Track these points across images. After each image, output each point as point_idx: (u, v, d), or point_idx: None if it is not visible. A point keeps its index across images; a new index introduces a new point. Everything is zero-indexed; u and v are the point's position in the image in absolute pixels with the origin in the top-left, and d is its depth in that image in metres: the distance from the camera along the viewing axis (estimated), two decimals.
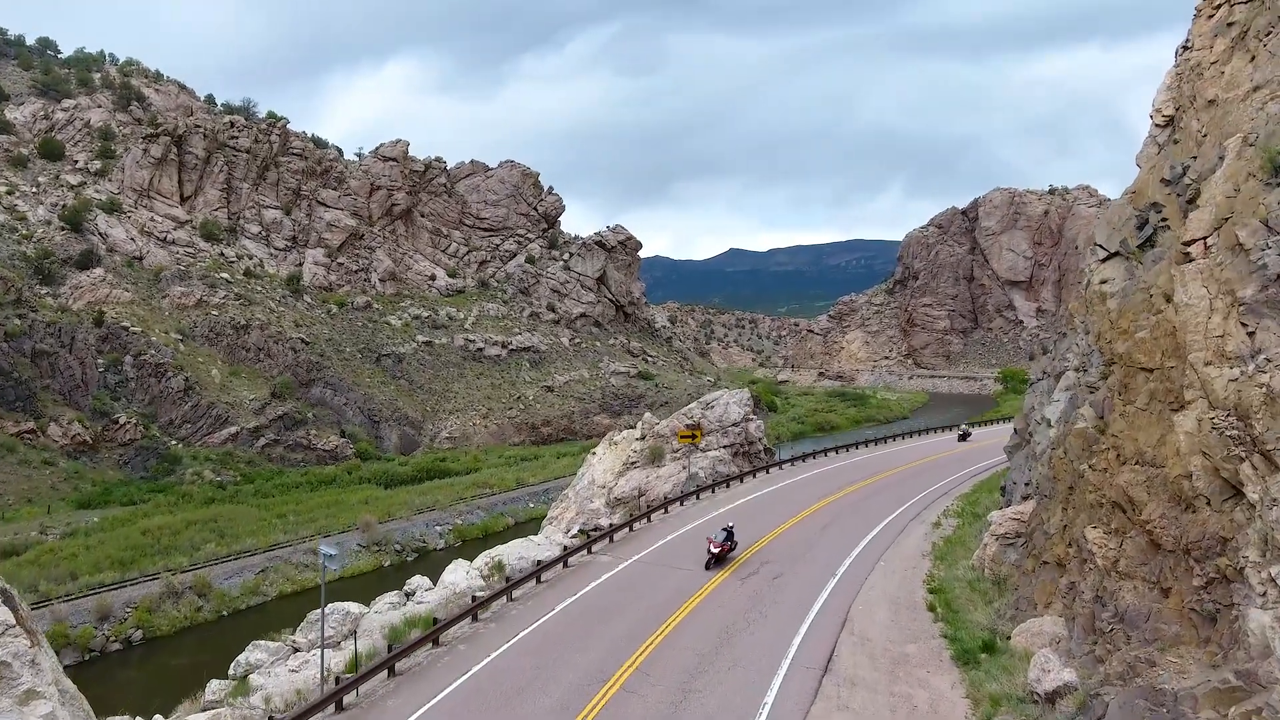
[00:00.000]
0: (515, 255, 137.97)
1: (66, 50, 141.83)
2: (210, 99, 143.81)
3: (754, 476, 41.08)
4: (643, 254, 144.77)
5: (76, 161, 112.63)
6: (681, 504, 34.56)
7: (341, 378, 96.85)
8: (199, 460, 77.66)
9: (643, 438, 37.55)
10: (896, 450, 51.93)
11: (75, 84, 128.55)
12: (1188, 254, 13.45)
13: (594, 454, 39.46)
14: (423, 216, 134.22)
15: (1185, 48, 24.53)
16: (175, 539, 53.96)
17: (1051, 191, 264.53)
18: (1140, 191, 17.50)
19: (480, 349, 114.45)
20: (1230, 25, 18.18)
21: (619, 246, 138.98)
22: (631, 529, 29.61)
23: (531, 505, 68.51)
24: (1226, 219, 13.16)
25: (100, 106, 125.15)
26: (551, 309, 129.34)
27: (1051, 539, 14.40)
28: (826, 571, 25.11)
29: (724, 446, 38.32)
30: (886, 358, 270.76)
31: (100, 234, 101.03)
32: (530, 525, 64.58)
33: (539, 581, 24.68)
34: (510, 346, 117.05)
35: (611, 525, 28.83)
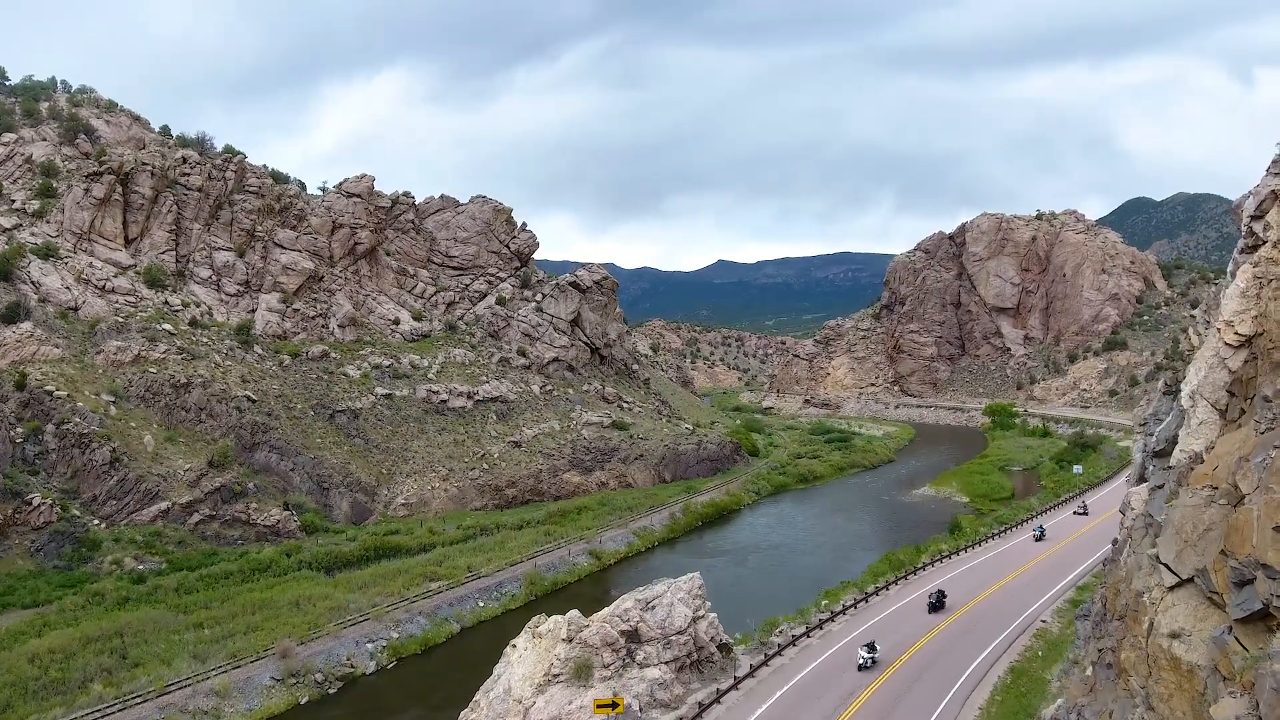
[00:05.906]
0: (485, 296, 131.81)
1: (15, 77, 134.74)
2: (165, 130, 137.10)
3: None
4: (631, 265, 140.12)
5: (14, 201, 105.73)
6: None
7: (290, 440, 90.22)
8: (122, 543, 71.01)
9: (569, 640, 31.25)
10: (899, 611, 45.06)
11: (20, 115, 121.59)
12: None
13: (514, 646, 33.19)
14: (388, 255, 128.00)
15: (1256, 218, 18.86)
16: (66, 669, 47.65)
17: (1039, 217, 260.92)
18: (1239, 529, 11.74)
19: (444, 400, 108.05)
20: None
21: (594, 287, 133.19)
22: None
23: (481, 604, 62.37)
24: None
25: (44, 140, 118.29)
26: (522, 354, 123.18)
27: None
28: None
29: (666, 662, 31.78)
30: (873, 385, 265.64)
31: (32, 283, 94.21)
32: (474, 632, 58.45)
33: None
34: (476, 397, 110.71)
35: None
